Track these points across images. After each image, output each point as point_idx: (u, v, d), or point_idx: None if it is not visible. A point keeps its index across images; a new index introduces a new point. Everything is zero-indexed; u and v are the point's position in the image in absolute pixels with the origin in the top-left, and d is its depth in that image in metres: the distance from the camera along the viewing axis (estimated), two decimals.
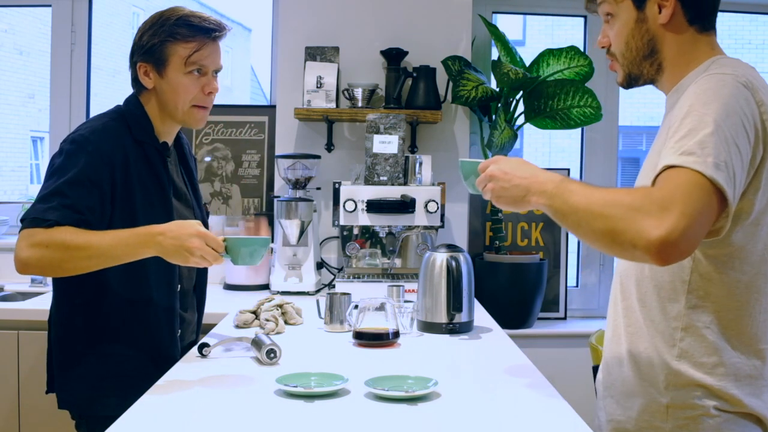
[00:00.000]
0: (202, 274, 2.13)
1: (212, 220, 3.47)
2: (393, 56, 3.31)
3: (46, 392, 2.00)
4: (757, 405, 1.41)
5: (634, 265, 1.49)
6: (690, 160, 1.26)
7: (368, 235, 3.18)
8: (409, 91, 3.31)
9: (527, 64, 3.34)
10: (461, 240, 3.40)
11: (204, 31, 1.88)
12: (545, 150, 8.72)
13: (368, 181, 3.04)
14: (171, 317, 1.96)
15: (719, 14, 1.55)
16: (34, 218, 1.73)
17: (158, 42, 1.87)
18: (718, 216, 1.30)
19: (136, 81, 1.94)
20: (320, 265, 3.17)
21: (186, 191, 2.07)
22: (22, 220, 1.77)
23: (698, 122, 1.29)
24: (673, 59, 1.49)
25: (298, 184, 3.07)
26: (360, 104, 3.28)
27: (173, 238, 1.70)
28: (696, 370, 1.41)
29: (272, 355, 1.81)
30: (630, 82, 1.55)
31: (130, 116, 1.92)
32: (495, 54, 3.54)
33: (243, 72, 14.05)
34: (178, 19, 1.87)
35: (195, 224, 1.73)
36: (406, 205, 2.95)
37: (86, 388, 1.91)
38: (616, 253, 1.35)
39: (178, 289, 1.98)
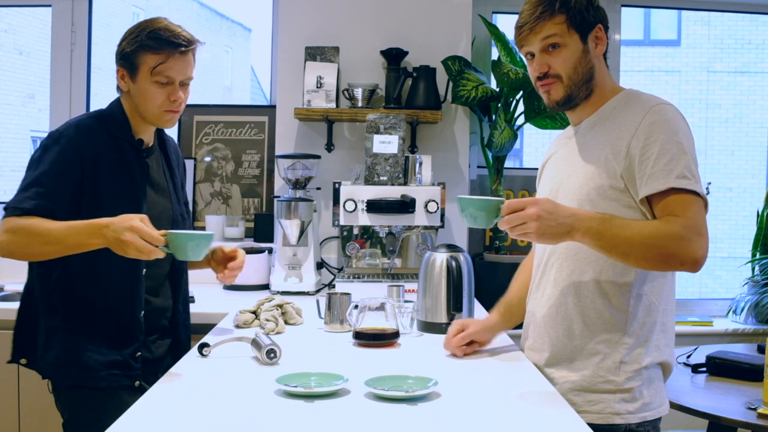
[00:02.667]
0: (178, 261, 2.15)
1: (212, 220, 3.47)
2: (393, 56, 3.31)
3: (9, 361, 2.09)
4: (668, 353, 1.79)
5: (587, 250, 1.72)
6: (685, 183, 1.65)
7: (368, 235, 3.18)
8: (409, 91, 3.31)
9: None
10: (461, 240, 3.40)
11: (171, 45, 2.01)
12: (545, 150, 8.71)
13: (368, 181, 3.04)
14: (133, 296, 2.04)
15: (718, 14, 1.63)
16: (13, 207, 1.93)
17: (131, 51, 2.02)
18: None
19: (117, 83, 2.10)
20: (320, 265, 3.17)
21: (167, 187, 2.18)
22: (5, 209, 1.94)
23: (677, 150, 1.66)
24: (598, 87, 1.82)
25: (298, 184, 3.07)
26: (360, 104, 3.28)
27: (113, 231, 1.80)
28: (641, 329, 1.74)
29: (272, 355, 1.81)
30: (566, 102, 1.83)
31: (109, 115, 2.08)
32: (495, 54, 3.54)
33: (243, 72, 14.03)
34: (151, 32, 2.02)
35: (134, 218, 1.81)
36: (406, 205, 2.95)
37: (53, 358, 2.00)
38: (662, 269, 1.73)
39: (144, 273, 2.05)
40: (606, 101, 1.82)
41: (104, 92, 3.63)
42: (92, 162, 1.99)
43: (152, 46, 2.01)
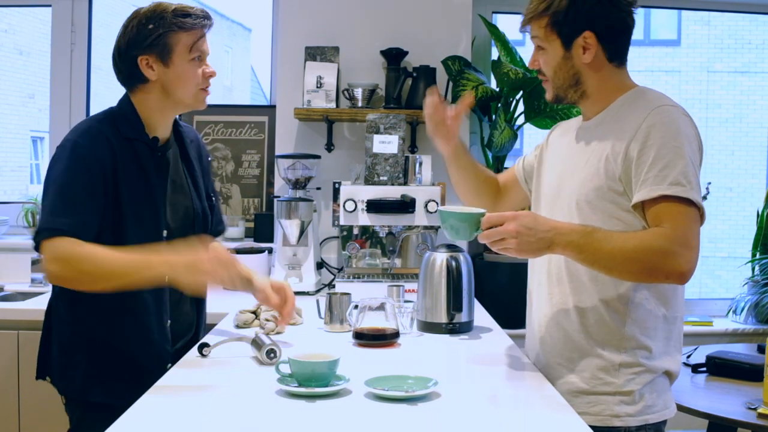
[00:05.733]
0: None
1: None
2: (393, 56, 3.31)
3: (36, 378, 2.04)
4: (670, 361, 1.75)
5: None
6: (679, 190, 1.60)
7: (368, 235, 3.18)
8: (409, 91, 3.31)
9: (527, 64, 3.34)
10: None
11: (202, 18, 1.98)
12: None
13: (368, 181, 3.04)
14: (159, 306, 1.98)
15: (718, 14, 1.61)
16: (48, 229, 1.80)
17: (162, 32, 1.93)
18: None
19: (132, 77, 1.97)
20: (320, 265, 3.17)
21: (186, 183, 2.11)
22: (38, 232, 1.83)
23: (674, 155, 1.61)
24: (595, 89, 1.77)
25: (298, 184, 3.07)
26: (360, 104, 3.28)
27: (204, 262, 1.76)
28: (641, 334, 1.71)
29: (272, 355, 1.81)
30: (557, 100, 1.82)
31: (120, 115, 1.99)
32: (495, 54, 3.54)
33: (243, 72, 14.03)
34: (176, 11, 1.95)
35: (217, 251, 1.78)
36: (406, 205, 2.95)
37: (80, 376, 1.95)
38: (647, 282, 1.68)
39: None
40: (614, 99, 1.77)
41: (104, 92, 3.63)
42: (111, 167, 1.90)
43: (186, 24, 1.94)
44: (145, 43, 1.93)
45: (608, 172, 1.69)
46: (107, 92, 2.10)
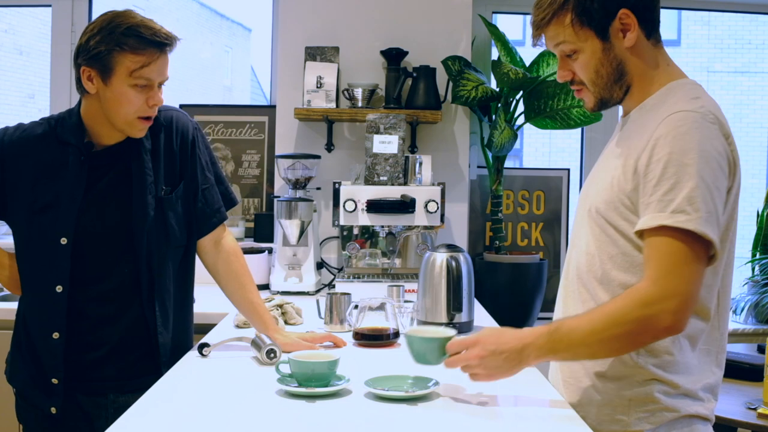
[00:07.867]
0: (151, 265, 1.93)
1: None
2: (393, 56, 3.31)
3: None
4: (693, 401, 1.50)
5: (599, 269, 1.55)
6: (682, 219, 1.36)
7: (368, 235, 3.18)
8: (409, 91, 3.31)
9: (527, 64, 3.34)
10: (461, 240, 3.40)
11: (154, 44, 1.81)
12: (545, 150, 8.72)
13: (368, 181, 3.04)
14: (47, 317, 1.88)
15: (719, 14, 1.58)
16: None
17: (105, 50, 1.78)
18: (708, 259, 1.41)
19: (78, 84, 1.88)
20: (320, 265, 3.17)
21: (126, 194, 1.91)
22: None
23: (682, 174, 1.38)
24: (638, 78, 1.55)
25: (298, 184, 3.07)
26: (360, 104, 3.28)
27: None
28: (658, 367, 1.48)
29: (272, 355, 1.81)
30: (601, 106, 1.59)
31: (63, 119, 1.92)
32: (495, 54, 3.54)
33: (243, 72, 14.03)
34: (128, 29, 1.79)
35: None
36: (406, 205, 2.95)
37: (9, 368, 2.02)
38: (640, 348, 1.47)
39: (61, 290, 1.86)
40: (652, 92, 1.54)
41: None
42: (14, 165, 1.88)
43: (133, 46, 1.77)
44: (88, 54, 1.80)
45: (619, 185, 1.49)
46: None
